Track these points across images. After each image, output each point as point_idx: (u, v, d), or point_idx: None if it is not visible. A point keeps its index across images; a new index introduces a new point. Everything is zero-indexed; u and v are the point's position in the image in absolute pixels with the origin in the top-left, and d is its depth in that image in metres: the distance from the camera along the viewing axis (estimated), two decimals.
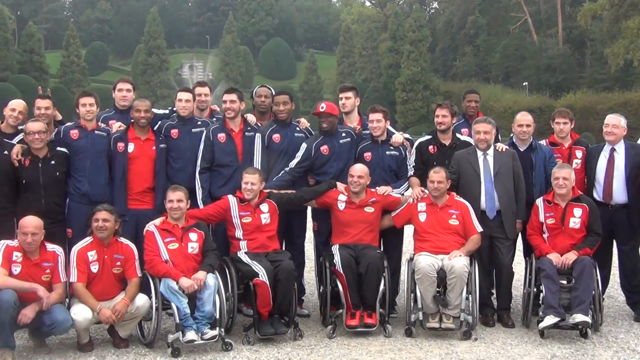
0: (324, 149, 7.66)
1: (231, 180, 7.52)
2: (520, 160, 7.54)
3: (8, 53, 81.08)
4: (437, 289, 6.95)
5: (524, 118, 7.83)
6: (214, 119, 8.12)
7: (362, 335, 6.94)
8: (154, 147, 7.49)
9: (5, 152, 7.06)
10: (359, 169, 7.36)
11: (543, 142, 8.03)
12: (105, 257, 6.59)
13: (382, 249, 7.54)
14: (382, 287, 7.00)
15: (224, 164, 7.54)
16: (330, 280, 7.13)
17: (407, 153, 7.80)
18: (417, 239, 7.38)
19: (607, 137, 7.69)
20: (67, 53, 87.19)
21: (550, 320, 6.72)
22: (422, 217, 7.33)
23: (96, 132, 7.44)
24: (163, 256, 6.73)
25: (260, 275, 6.71)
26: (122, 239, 6.78)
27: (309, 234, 8.13)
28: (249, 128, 7.72)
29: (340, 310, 7.09)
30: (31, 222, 6.33)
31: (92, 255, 6.55)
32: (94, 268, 6.54)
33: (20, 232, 6.31)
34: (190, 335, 6.32)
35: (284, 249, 7.52)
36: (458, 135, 8.01)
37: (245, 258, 6.95)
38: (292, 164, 7.57)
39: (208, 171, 7.53)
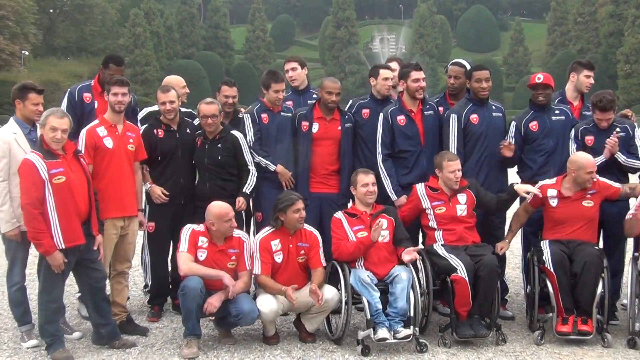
0: (533, 125, 7.48)
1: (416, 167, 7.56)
2: None
3: (193, 29, 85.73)
4: None
5: None
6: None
7: (576, 343, 6.68)
8: (339, 128, 7.65)
9: (188, 130, 7.61)
10: (588, 163, 7.00)
11: None
12: (290, 246, 6.80)
13: (600, 246, 7.20)
14: (600, 289, 6.69)
15: (406, 149, 7.56)
16: (539, 280, 6.91)
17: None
18: None
19: None
20: (252, 27, 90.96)
21: None
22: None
23: (282, 113, 7.75)
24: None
25: (458, 271, 6.64)
26: (306, 226, 6.97)
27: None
28: (427, 106, 7.68)
29: (550, 314, 6.87)
30: (228, 208, 6.72)
31: (275, 244, 6.78)
32: (278, 258, 6.77)
33: (221, 220, 6.63)
34: (382, 333, 6.36)
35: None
36: None
37: (442, 251, 6.92)
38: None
39: (390, 158, 7.59)
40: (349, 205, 7.38)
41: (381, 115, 7.59)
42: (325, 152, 7.65)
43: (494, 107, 7.68)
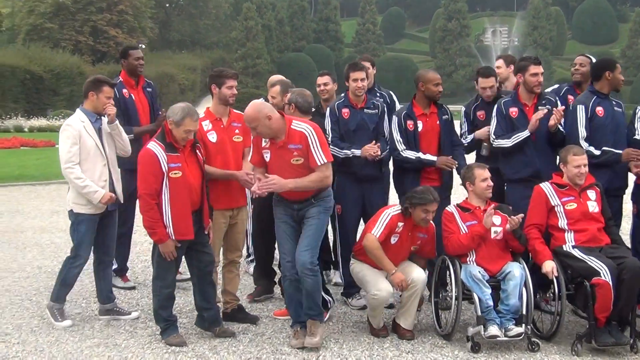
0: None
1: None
2: None
3: (304, 22, 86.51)
4: None
5: None
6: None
7: None
8: (437, 122, 7.61)
9: None
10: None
11: None
12: (409, 233, 6.76)
13: None
14: None
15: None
16: None
17: None
18: None
19: None
20: (363, 20, 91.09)
21: None
22: None
23: (365, 110, 7.69)
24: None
25: (602, 274, 6.20)
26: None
27: None
28: (542, 101, 7.52)
29: None
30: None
31: (399, 226, 6.71)
32: (394, 239, 6.70)
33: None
34: (493, 330, 6.27)
35: None
36: None
37: (577, 253, 6.50)
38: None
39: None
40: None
41: (495, 106, 7.58)
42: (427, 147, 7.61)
43: (614, 102, 7.42)
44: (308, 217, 6.46)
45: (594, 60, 7.82)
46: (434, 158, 7.44)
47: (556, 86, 8.39)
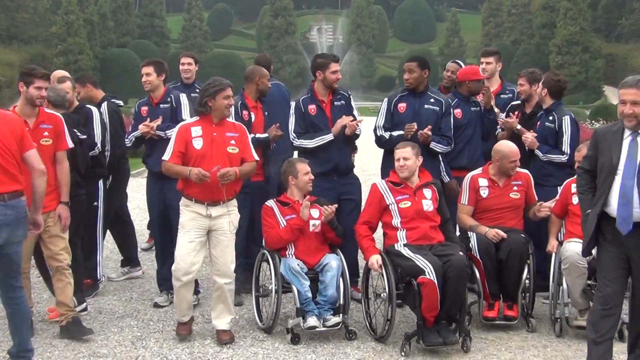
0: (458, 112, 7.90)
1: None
2: None
3: (129, 17, 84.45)
4: (589, 282, 6.62)
5: None
6: None
7: (501, 328, 6.84)
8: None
9: None
10: (512, 152, 7.23)
11: None
12: (215, 134, 6.50)
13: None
14: (525, 275, 6.86)
15: None
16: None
17: None
18: (569, 222, 7.12)
19: None
20: (189, 16, 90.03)
21: None
22: (575, 200, 7.07)
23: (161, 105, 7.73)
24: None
25: (426, 273, 6.28)
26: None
27: None
28: (337, 96, 7.83)
29: (476, 300, 6.99)
30: None
31: (196, 131, 6.49)
32: (197, 144, 6.43)
33: None
34: (312, 321, 6.40)
35: None
36: None
37: (406, 251, 6.55)
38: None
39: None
40: None
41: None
42: None
43: (432, 100, 7.70)
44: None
45: (463, 65, 8.54)
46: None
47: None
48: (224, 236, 6.47)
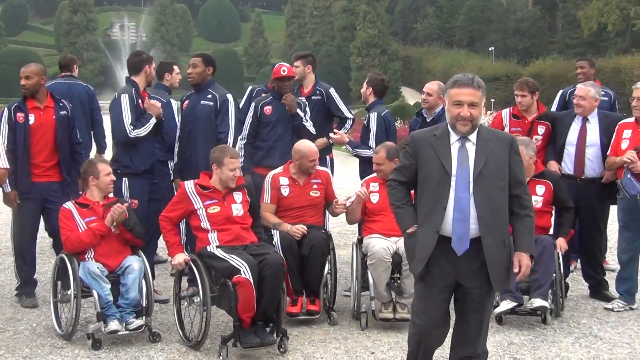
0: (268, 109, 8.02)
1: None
2: None
3: None
4: (392, 276, 6.93)
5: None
6: None
7: (305, 323, 7.00)
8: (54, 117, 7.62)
9: None
10: (310, 151, 7.37)
11: (506, 111, 8.23)
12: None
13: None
14: (326, 270, 7.06)
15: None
16: None
17: None
18: (367, 219, 7.40)
19: (576, 109, 7.81)
20: None
21: (506, 305, 6.83)
22: (375, 198, 7.36)
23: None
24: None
25: (242, 272, 6.14)
26: None
27: None
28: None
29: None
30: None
31: None
32: None
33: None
34: (113, 325, 6.26)
35: None
36: None
37: (219, 252, 6.37)
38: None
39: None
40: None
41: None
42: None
43: (209, 96, 7.78)
44: None
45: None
46: None
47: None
48: None
